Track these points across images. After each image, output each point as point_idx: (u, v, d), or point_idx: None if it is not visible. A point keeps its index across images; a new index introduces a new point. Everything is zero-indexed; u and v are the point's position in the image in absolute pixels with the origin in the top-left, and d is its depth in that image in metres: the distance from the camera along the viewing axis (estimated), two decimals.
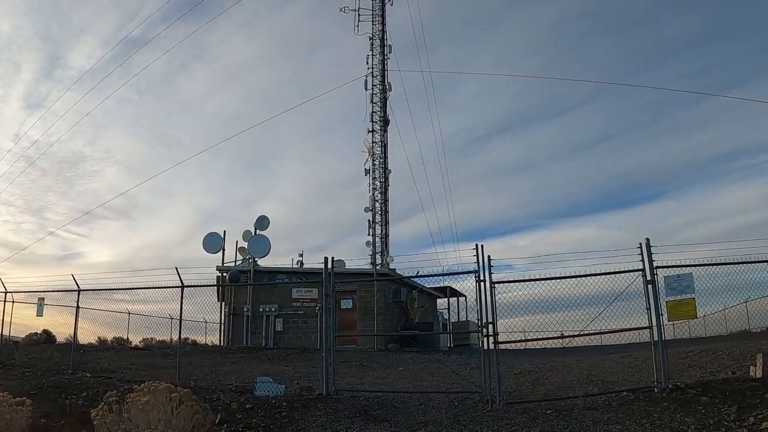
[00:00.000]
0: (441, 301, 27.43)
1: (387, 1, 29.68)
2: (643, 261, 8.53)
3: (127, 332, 20.62)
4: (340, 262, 20.53)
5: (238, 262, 23.43)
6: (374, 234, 27.41)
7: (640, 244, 8.59)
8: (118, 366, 13.06)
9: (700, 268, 8.60)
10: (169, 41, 74.70)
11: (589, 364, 12.21)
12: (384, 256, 26.58)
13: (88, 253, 69.40)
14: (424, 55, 50.91)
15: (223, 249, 23.53)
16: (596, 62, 61.18)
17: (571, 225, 69.70)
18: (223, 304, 21.91)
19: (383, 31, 29.52)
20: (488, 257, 8.13)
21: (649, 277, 8.42)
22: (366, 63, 29.09)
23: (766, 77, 62.02)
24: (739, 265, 8.64)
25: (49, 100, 67.26)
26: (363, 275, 21.96)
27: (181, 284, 10.95)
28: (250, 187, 72.83)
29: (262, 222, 23.50)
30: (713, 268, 8.58)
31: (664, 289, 8.59)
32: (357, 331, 19.89)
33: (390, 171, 28.47)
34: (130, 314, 19.37)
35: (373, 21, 29.54)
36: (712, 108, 61.95)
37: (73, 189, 71.94)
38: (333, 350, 8.94)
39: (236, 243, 23.77)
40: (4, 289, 16.15)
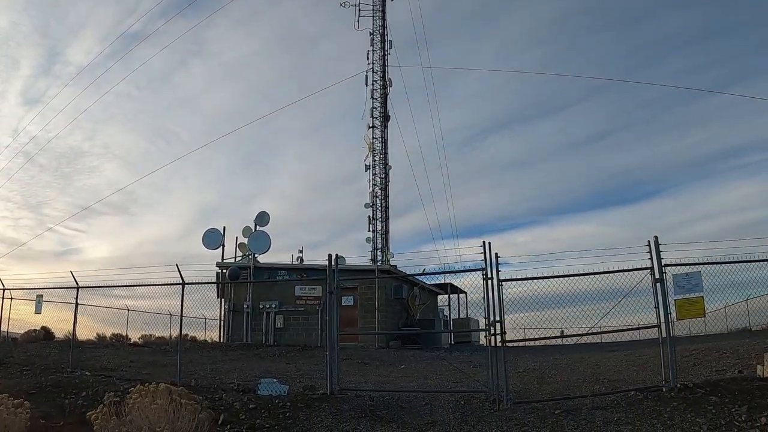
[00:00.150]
0: (441, 297, 27.35)
1: None
2: (652, 259, 8.41)
3: (126, 328, 20.51)
4: (340, 259, 20.35)
5: (238, 259, 23.28)
6: (375, 230, 27.29)
7: (649, 242, 8.47)
8: (117, 364, 12.92)
9: (704, 266, 8.51)
10: (167, 37, 74.43)
11: (593, 362, 12.13)
12: (384, 252, 26.47)
13: (86, 249, 69.29)
14: (424, 51, 50.65)
15: (223, 245, 23.39)
16: (596, 59, 61.07)
17: (570, 222, 69.70)
18: (223, 300, 21.80)
19: (384, 26, 29.33)
20: (496, 254, 7.99)
21: (657, 276, 8.31)
22: (366, 59, 28.95)
23: (767, 74, 61.89)
24: (740, 263, 8.56)
25: (47, 96, 67.04)
26: (364, 272, 21.85)
27: (182, 281, 10.79)
28: (249, 183, 72.72)
29: (262, 218, 23.33)
30: (715, 265, 8.49)
31: (673, 288, 8.49)
32: (358, 329, 19.77)
33: (390, 167, 28.35)
34: (129, 310, 19.28)
35: (374, 16, 29.36)
36: (712, 105, 61.93)
37: (71, 184, 71.73)
38: (337, 348, 8.79)
39: (236, 239, 23.65)
40: (2, 286, 15.98)
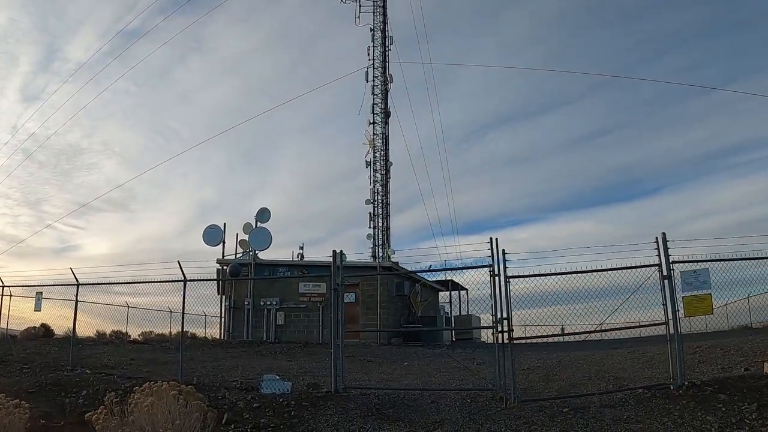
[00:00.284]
0: (442, 294, 27.25)
1: None
2: (660, 255, 8.32)
3: (126, 325, 20.41)
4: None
5: (239, 255, 23.16)
6: (375, 226, 27.18)
7: (657, 239, 8.39)
8: (118, 361, 12.80)
9: (710, 263, 8.43)
10: (166, 33, 74.09)
11: (597, 360, 12.06)
12: (385, 248, 26.36)
13: (85, 246, 69.12)
14: (425, 47, 50.47)
15: (224, 241, 23.28)
16: (597, 55, 60.85)
17: (570, 218, 69.62)
18: (224, 297, 21.68)
19: (384, 22, 29.15)
20: (503, 251, 7.88)
21: (665, 272, 8.21)
22: (367, 55, 28.80)
23: (767, 71, 61.74)
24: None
25: (46, 93, 66.64)
26: (365, 268, 21.72)
27: (183, 278, 10.65)
28: (249, 180, 72.54)
29: (263, 214, 23.20)
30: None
31: (681, 285, 8.40)
32: (359, 325, 19.67)
33: (391, 163, 28.23)
34: (129, 307, 19.17)
35: (374, 12, 29.19)
36: (713, 102, 61.70)
37: (70, 181, 71.49)
38: (342, 346, 8.67)
39: (236, 235, 23.51)
40: (1, 283, 15.84)
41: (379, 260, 24.85)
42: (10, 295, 16.51)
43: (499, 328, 7.77)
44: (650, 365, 10.44)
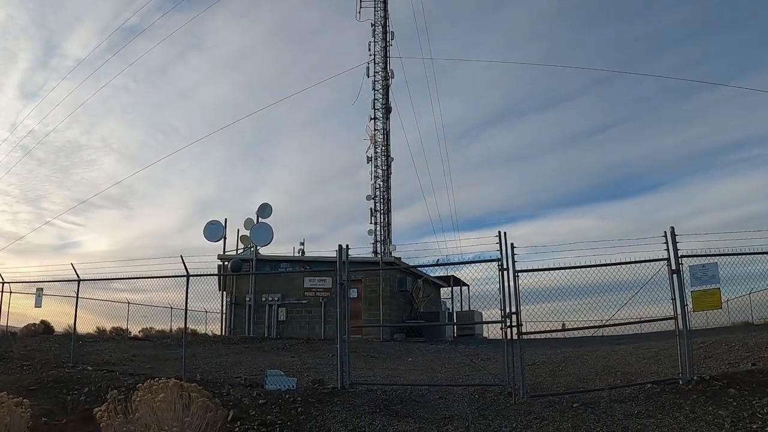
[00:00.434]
0: (444, 290, 27.19)
1: None
2: (668, 250, 8.25)
3: (126, 322, 20.26)
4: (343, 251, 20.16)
5: (240, 251, 23.06)
6: (377, 222, 27.08)
7: (665, 233, 8.32)
8: (119, 358, 12.69)
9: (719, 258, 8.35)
10: (165, 29, 73.66)
11: (602, 355, 11.99)
12: (386, 244, 26.27)
13: (85, 242, 69.02)
14: (426, 42, 50.23)
15: (225, 237, 23.16)
16: (596, 51, 60.62)
17: (569, 215, 69.59)
18: (225, 293, 21.57)
19: (385, 17, 28.96)
20: (512, 245, 7.79)
21: (674, 267, 8.14)
22: (368, 50, 28.60)
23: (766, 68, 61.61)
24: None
25: (45, 89, 66.37)
26: (367, 264, 21.63)
27: (186, 273, 10.53)
28: (249, 176, 72.36)
29: (265, 210, 23.08)
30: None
31: (689, 279, 8.33)
32: (362, 321, 19.59)
33: (392, 159, 28.10)
34: (129, 303, 19.03)
35: (375, 7, 28.97)
36: (712, 98, 61.58)
37: (69, 178, 71.26)
38: (348, 342, 8.57)
39: (237, 231, 23.43)
40: (1, 280, 15.72)
41: (381, 256, 24.75)
42: (10, 292, 16.41)
43: (508, 323, 7.68)
44: (656, 360, 10.39)
